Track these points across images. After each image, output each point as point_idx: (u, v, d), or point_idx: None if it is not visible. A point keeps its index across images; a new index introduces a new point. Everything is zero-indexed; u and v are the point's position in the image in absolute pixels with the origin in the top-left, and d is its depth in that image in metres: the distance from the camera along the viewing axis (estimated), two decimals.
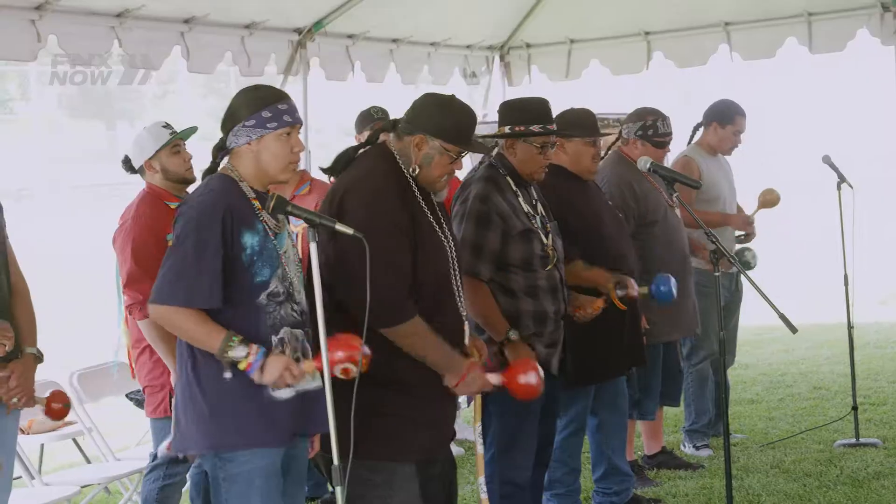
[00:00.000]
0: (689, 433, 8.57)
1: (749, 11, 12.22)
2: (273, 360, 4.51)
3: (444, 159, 5.06)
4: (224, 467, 4.63)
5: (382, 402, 4.92)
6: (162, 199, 6.39)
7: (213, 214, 4.53)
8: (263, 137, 4.66)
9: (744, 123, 8.51)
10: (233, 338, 4.47)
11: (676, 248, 7.55)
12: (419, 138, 5.05)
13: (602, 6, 12.41)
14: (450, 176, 5.16)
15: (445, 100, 5.17)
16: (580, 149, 6.66)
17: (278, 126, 4.66)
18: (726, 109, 8.53)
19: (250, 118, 4.66)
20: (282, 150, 4.68)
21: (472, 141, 5.14)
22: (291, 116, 4.70)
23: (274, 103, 4.69)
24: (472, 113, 5.20)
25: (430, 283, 4.98)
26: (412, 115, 5.13)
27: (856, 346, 8.91)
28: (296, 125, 4.70)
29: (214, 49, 10.15)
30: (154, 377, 6.35)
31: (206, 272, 4.48)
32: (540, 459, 6.29)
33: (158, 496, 6.41)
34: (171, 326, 4.57)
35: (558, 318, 6.02)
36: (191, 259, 4.50)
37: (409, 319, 4.86)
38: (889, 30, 11.83)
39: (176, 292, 4.50)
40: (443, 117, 5.07)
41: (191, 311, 4.49)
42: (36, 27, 8.48)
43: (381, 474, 4.98)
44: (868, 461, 7.93)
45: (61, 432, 8.06)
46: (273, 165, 4.69)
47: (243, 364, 4.48)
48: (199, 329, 4.50)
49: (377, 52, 11.81)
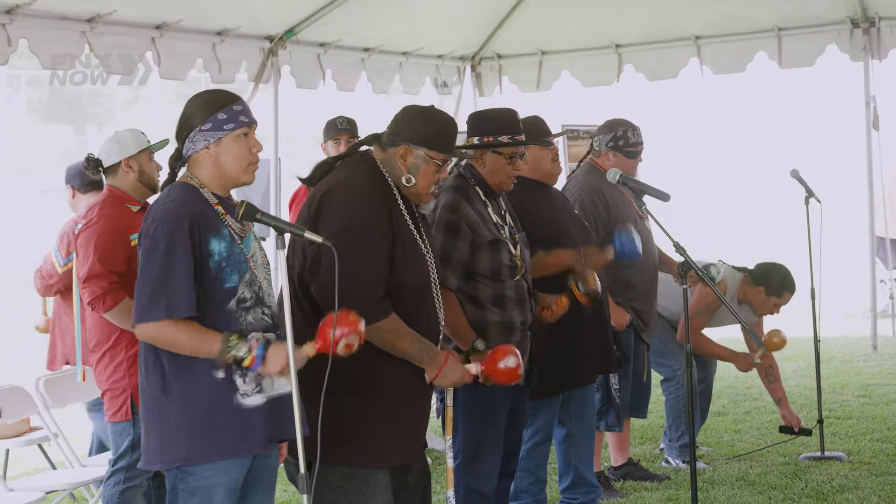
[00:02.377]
0: (680, 448, 8.48)
1: (720, 26, 12.30)
2: (275, 349, 4.50)
3: (430, 168, 5.09)
4: (185, 479, 4.60)
5: (355, 408, 4.92)
6: (124, 202, 6.43)
7: (179, 223, 4.50)
8: (221, 140, 4.63)
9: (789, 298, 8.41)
10: (230, 338, 4.45)
11: (646, 259, 7.59)
12: (403, 149, 5.07)
13: (573, 18, 12.46)
14: (436, 186, 5.17)
15: (426, 109, 5.22)
16: (538, 154, 6.68)
17: (235, 127, 4.63)
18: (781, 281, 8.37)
19: (206, 122, 4.63)
20: (241, 151, 4.65)
21: (454, 148, 5.19)
22: (247, 116, 4.68)
23: (228, 105, 4.66)
24: (453, 121, 5.27)
25: (407, 289, 4.99)
26: (394, 126, 5.16)
27: (822, 360, 8.97)
28: (252, 125, 4.68)
29: (186, 55, 10.16)
30: (116, 380, 6.34)
31: (180, 281, 4.45)
32: (506, 469, 6.29)
33: (120, 500, 6.39)
34: (162, 342, 4.52)
35: (525, 329, 6.03)
36: (163, 271, 4.46)
37: (384, 317, 4.86)
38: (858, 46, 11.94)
39: (156, 307, 4.46)
40: (425, 126, 5.11)
41: (178, 323, 4.45)
42: (6, 31, 8.46)
43: (353, 481, 4.97)
44: (833, 475, 7.97)
45: (26, 438, 8.02)
46: (233, 167, 4.66)
47: (247, 360, 4.47)
48: (192, 338, 4.46)
49: (349, 60, 11.83)
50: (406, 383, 5.03)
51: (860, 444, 8.81)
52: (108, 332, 6.34)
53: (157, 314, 4.46)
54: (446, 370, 5.06)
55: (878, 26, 11.87)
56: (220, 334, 4.46)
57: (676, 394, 8.42)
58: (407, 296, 4.99)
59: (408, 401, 5.07)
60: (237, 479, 4.63)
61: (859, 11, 11.73)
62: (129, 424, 6.33)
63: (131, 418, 6.30)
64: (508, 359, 5.25)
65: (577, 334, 6.59)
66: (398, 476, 5.10)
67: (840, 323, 15.39)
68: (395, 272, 4.95)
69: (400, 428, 5.05)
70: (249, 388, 4.57)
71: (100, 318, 6.34)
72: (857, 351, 13.21)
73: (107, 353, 6.36)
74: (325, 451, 4.68)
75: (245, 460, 4.64)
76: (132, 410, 6.29)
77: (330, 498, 4.89)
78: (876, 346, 12.85)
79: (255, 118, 4.73)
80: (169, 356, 4.53)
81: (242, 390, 4.56)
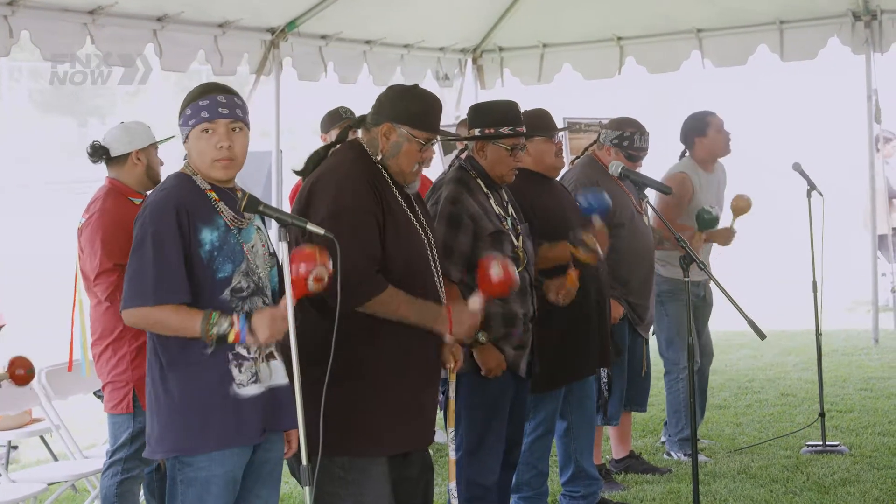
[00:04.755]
0: (680, 442, 8.49)
1: (721, 18, 12.30)
2: (257, 318, 4.47)
3: (412, 146, 5.08)
4: (183, 470, 4.61)
5: (352, 397, 4.91)
6: (125, 194, 6.46)
7: (166, 211, 4.50)
8: (188, 135, 4.63)
9: (718, 118, 8.48)
10: (212, 315, 4.44)
11: (643, 253, 7.59)
12: (386, 126, 5.08)
13: (575, 11, 12.46)
14: (421, 166, 5.16)
15: (409, 88, 5.22)
16: (542, 147, 6.68)
17: (196, 123, 4.60)
18: (697, 121, 8.48)
19: (181, 116, 4.66)
20: (204, 147, 4.60)
21: (438, 127, 5.17)
22: (210, 112, 4.59)
23: (196, 100, 4.62)
24: (437, 100, 5.23)
25: (400, 265, 4.99)
26: (378, 105, 5.16)
27: (823, 353, 8.95)
28: (217, 120, 4.58)
29: (187, 47, 10.16)
30: (118, 373, 6.35)
31: (168, 268, 4.44)
32: (508, 461, 6.29)
33: (118, 491, 6.40)
34: (149, 326, 4.53)
35: (527, 321, 6.03)
36: (150, 258, 4.46)
37: (380, 293, 4.87)
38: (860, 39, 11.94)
39: (144, 293, 4.46)
40: (407, 104, 5.10)
41: (165, 307, 4.46)
42: (8, 23, 8.47)
43: (353, 472, 4.97)
44: (835, 468, 7.97)
45: (29, 429, 8.03)
46: (199, 162, 4.64)
47: (231, 336, 4.45)
48: (175, 318, 4.45)
49: (350, 53, 11.83)
50: (403, 369, 5.03)
51: (861, 438, 8.81)
52: (111, 326, 6.35)
53: (145, 300, 4.46)
54: (455, 320, 5.07)
55: (880, 19, 11.87)
56: (201, 312, 4.45)
57: (675, 387, 8.42)
58: (401, 272, 4.99)
59: (405, 387, 5.05)
60: (234, 471, 4.62)
61: (861, 4, 11.73)
62: (129, 417, 6.35)
63: (132, 412, 6.32)
64: (494, 267, 5.23)
65: (580, 327, 6.60)
66: (397, 467, 5.10)
67: (842, 316, 15.37)
68: (387, 249, 4.95)
69: (398, 414, 5.03)
70: (245, 377, 4.57)
71: (103, 311, 6.35)
72: (859, 344, 13.20)
73: (110, 345, 6.38)
74: (324, 441, 4.68)
75: (242, 451, 4.63)
76: (134, 404, 6.31)
77: (329, 489, 4.89)
78: (877, 340, 12.86)
79: (230, 111, 4.61)
80: (165, 346, 4.54)
81: (238, 380, 4.56)
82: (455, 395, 5.51)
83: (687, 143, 8.44)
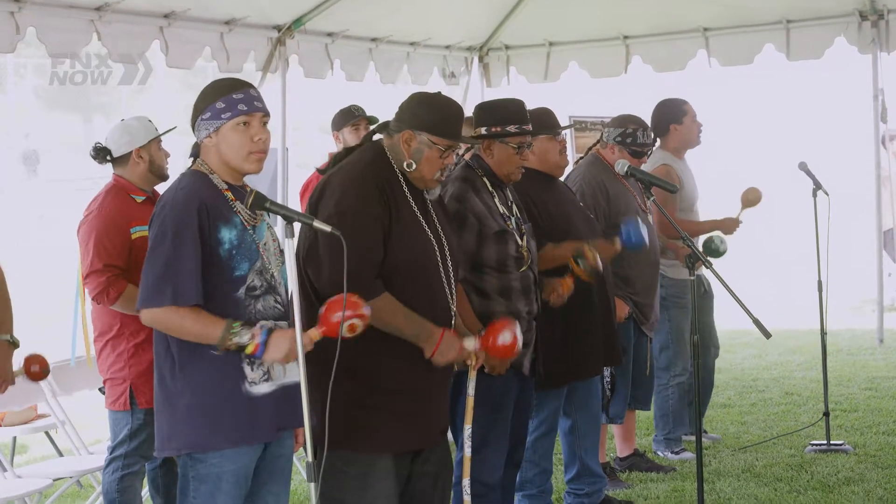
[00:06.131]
0: (666, 441, 8.54)
1: (728, 17, 12.30)
2: (278, 336, 4.49)
3: (433, 153, 5.08)
4: (195, 467, 4.62)
5: (356, 394, 4.92)
6: (129, 192, 6.44)
7: (188, 211, 4.50)
8: (220, 129, 4.61)
9: (692, 107, 8.50)
10: (234, 324, 4.46)
11: (648, 252, 7.58)
12: (407, 134, 5.08)
13: (581, 10, 12.46)
14: (443, 172, 5.16)
15: (431, 95, 5.22)
16: (546, 145, 6.68)
17: (232, 116, 4.60)
18: (673, 108, 8.49)
19: (206, 111, 4.63)
20: (239, 140, 4.61)
21: (459, 134, 5.17)
22: (248, 105, 4.63)
23: (228, 93, 4.63)
24: (459, 107, 5.24)
25: (403, 271, 4.98)
26: (400, 112, 5.17)
27: (828, 353, 8.96)
28: (254, 113, 4.62)
29: (193, 44, 10.16)
30: (116, 370, 6.37)
31: (188, 269, 4.45)
32: (511, 459, 6.29)
33: (119, 486, 6.41)
34: (165, 328, 4.53)
35: (531, 319, 6.03)
36: (171, 258, 4.47)
37: (375, 297, 4.86)
38: (866, 38, 11.93)
39: (162, 293, 4.46)
40: (429, 111, 5.11)
41: (182, 309, 4.46)
42: (15, 19, 8.47)
43: (356, 466, 4.98)
44: (839, 467, 7.97)
45: (34, 425, 8.04)
46: (232, 156, 4.64)
47: (250, 347, 4.46)
48: (196, 324, 4.47)
49: (357, 50, 11.84)
50: (408, 369, 5.03)
51: (866, 437, 8.81)
52: (109, 322, 6.37)
53: (163, 300, 4.46)
54: (442, 347, 5.04)
55: (887, 19, 11.87)
56: (223, 321, 4.47)
57: (664, 393, 8.43)
58: (404, 277, 4.99)
59: (410, 387, 5.06)
60: (247, 467, 4.64)
61: (867, 4, 11.72)
62: (127, 414, 6.36)
63: (129, 409, 6.33)
64: (504, 334, 5.22)
65: (584, 326, 6.60)
66: (405, 463, 5.11)
67: (847, 316, 15.38)
68: (390, 254, 4.96)
69: (402, 414, 5.04)
70: (257, 375, 4.58)
71: (103, 308, 6.36)
72: (864, 344, 13.21)
73: (109, 342, 6.39)
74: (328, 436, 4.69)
75: (255, 448, 4.65)
76: (131, 401, 6.32)
77: (332, 482, 4.89)
78: (882, 340, 12.87)
79: (263, 105, 4.68)
80: (179, 344, 4.55)
81: (251, 378, 4.57)
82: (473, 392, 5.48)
83: (659, 131, 8.40)
